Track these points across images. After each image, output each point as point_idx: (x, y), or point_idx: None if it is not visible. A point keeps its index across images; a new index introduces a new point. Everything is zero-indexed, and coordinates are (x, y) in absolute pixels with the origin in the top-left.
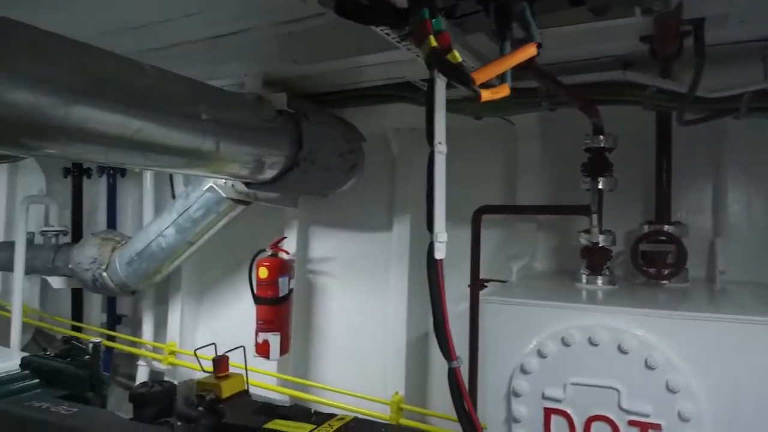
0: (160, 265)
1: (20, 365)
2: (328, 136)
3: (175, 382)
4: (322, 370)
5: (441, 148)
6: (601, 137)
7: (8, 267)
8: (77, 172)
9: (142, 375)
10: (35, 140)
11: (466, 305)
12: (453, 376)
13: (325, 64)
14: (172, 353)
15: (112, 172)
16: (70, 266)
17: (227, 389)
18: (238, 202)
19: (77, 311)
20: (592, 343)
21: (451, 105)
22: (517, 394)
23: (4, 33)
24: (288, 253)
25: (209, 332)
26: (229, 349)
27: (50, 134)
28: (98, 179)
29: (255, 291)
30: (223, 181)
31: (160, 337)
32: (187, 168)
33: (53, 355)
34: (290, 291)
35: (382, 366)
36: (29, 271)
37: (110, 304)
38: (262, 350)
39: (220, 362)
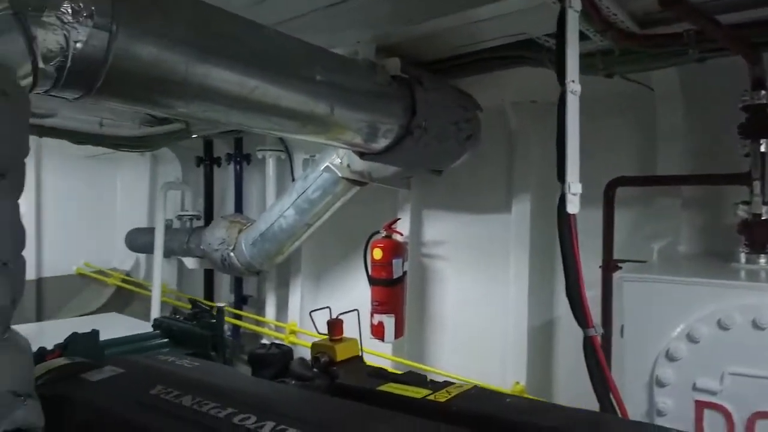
0: (281, 245)
1: (152, 326)
2: (442, 104)
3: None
4: (437, 356)
5: (574, 87)
6: (763, 92)
7: (150, 250)
8: (208, 161)
9: None
10: (161, 96)
11: (595, 292)
12: (589, 345)
13: (439, 21)
14: (293, 332)
15: (238, 159)
16: (201, 247)
17: (341, 353)
18: (353, 182)
19: (209, 291)
20: (757, 326)
21: (581, 61)
22: (661, 384)
23: None
24: (402, 235)
25: (327, 313)
26: (343, 311)
27: (173, 90)
28: (227, 167)
29: (370, 272)
30: (339, 160)
31: (281, 317)
32: (300, 131)
33: (182, 318)
34: (404, 273)
35: (501, 354)
36: (167, 253)
37: (237, 285)
38: (377, 332)
39: (335, 325)
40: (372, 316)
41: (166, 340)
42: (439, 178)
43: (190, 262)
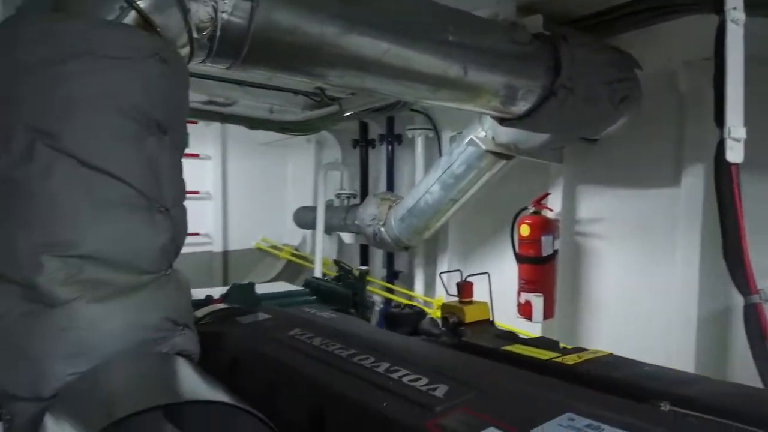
0: (427, 221)
1: (303, 285)
2: (591, 62)
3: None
4: (591, 340)
5: (735, 15)
6: None
7: (311, 225)
8: (364, 143)
9: None
10: (300, 63)
11: None
12: (752, 314)
13: None
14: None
15: (390, 140)
16: (356, 223)
17: (470, 314)
18: (499, 156)
19: (364, 264)
20: None
21: None
22: None
23: None
24: (552, 211)
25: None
26: (473, 273)
27: (311, 57)
28: (380, 148)
29: (517, 249)
30: (483, 133)
31: (429, 292)
32: (434, 96)
33: (329, 279)
34: (555, 252)
35: (665, 344)
36: (328, 229)
37: (389, 260)
38: (525, 311)
39: (464, 287)
40: (519, 294)
41: (313, 297)
42: (595, 150)
43: (347, 237)
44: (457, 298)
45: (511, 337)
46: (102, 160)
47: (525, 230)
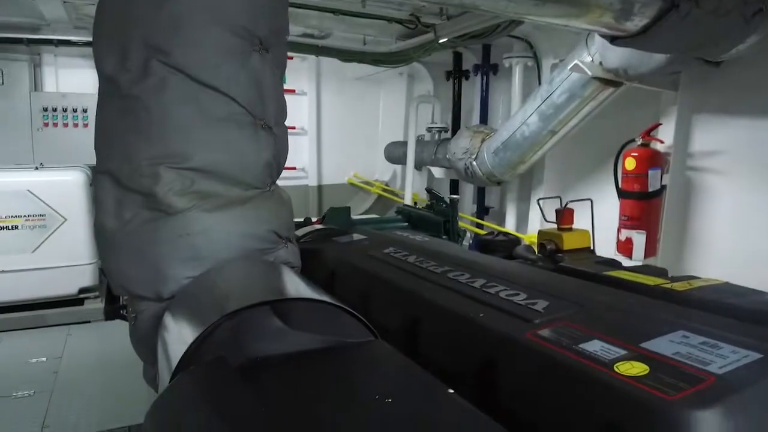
0: (523, 154)
1: (395, 212)
2: None
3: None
4: None
5: None
6: None
7: (404, 161)
8: (457, 75)
9: None
10: None
11: None
12: None
13: None
14: (532, 244)
15: (485, 70)
16: (447, 156)
17: (569, 241)
18: (606, 82)
19: None
20: None
21: None
22: None
23: None
24: (662, 143)
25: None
26: (574, 199)
27: None
28: (474, 80)
29: (620, 184)
30: (590, 58)
31: (521, 229)
32: (537, 11)
33: (421, 207)
34: (662, 187)
35: None
36: (418, 164)
37: (480, 195)
38: (624, 248)
39: (564, 213)
40: (619, 231)
41: (405, 224)
42: (716, 75)
43: (437, 172)
44: (555, 226)
45: (613, 264)
46: (210, 76)
47: (630, 163)
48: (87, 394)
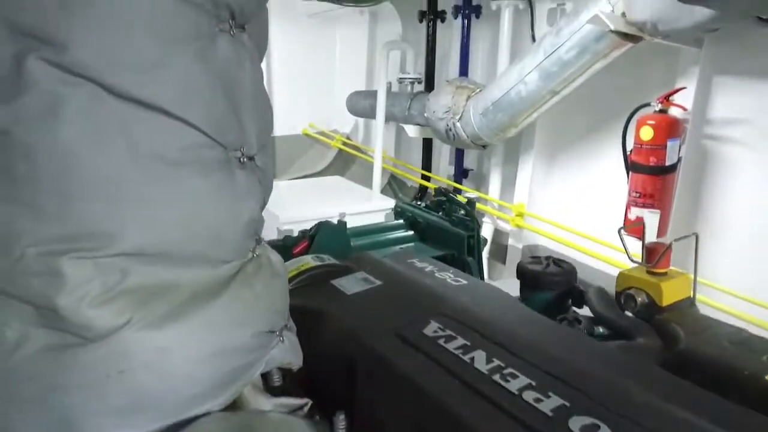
0: (516, 116)
1: (394, 212)
2: None
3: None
4: (709, 265)
5: None
6: None
7: (370, 114)
8: (432, 16)
9: (486, 232)
10: None
11: None
12: None
13: None
14: (520, 215)
15: (467, 12)
16: (425, 115)
17: (669, 293)
18: (626, 37)
19: (427, 161)
20: None
21: None
22: None
23: None
24: (685, 110)
25: (561, 198)
26: (678, 238)
27: None
28: (452, 23)
29: (632, 155)
30: (611, 7)
31: (505, 195)
32: None
33: (424, 206)
34: (679, 159)
35: None
36: (388, 118)
37: (458, 156)
38: (634, 230)
39: (658, 251)
40: (628, 209)
41: (411, 233)
42: (747, 32)
43: (411, 130)
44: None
45: (752, 342)
46: (144, 84)
47: (647, 133)
48: None
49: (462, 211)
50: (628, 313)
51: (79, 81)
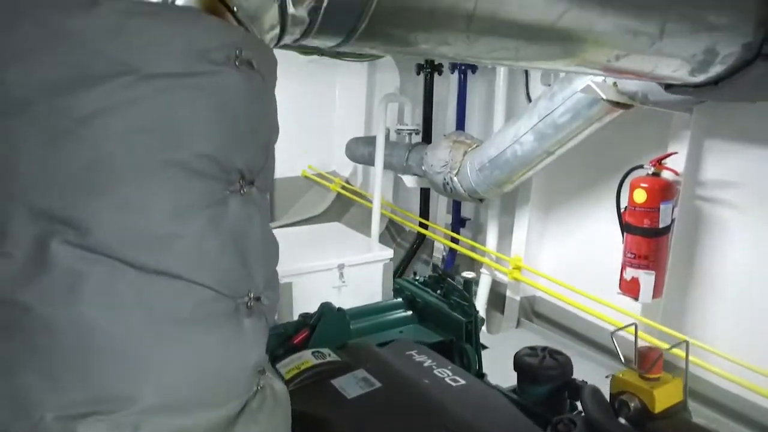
0: (512, 174)
1: (393, 290)
2: None
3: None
4: (703, 326)
5: None
6: None
7: (369, 161)
8: (429, 69)
9: (484, 282)
10: (439, 34)
11: None
12: None
13: None
14: (517, 268)
15: (463, 67)
16: (423, 168)
17: (662, 399)
18: (617, 105)
19: (425, 209)
20: None
21: None
22: None
23: None
24: (677, 174)
25: (557, 252)
26: (670, 346)
27: (456, 26)
28: (448, 76)
29: (626, 216)
30: (602, 78)
31: (502, 244)
32: (609, 66)
33: (422, 281)
34: (672, 221)
35: None
36: (386, 167)
37: (455, 206)
38: (630, 289)
39: (651, 358)
40: (624, 269)
41: (409, 313)
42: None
43: (409, 181)
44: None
45: None
46: (159, 255)
47: (640, 196)
48: None
49: (456, 294)
50: (622, 420)
51: (99, 258)
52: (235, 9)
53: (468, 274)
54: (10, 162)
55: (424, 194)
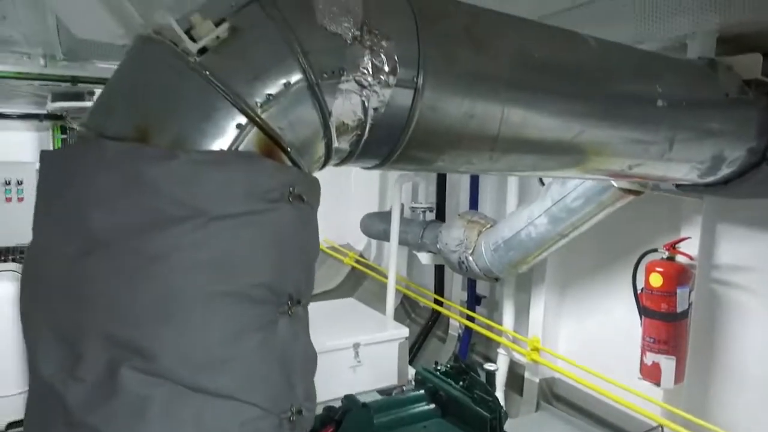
0: (526, 255)
1: (414, 380)
2: None
3: None
4: (727, 414)
5: None
6: None
7: (384, 237)
8: None
9: (502, 363)
10: (467, 155)
11: None
12: None
13: None
14: (535, 350)
15: None
16: (438, 246)
17: None
18: (628, 192)
19: (440, 286)
20: None
21: None
22: None
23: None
24: (691, 258)
25: (575, 333)
26: None
27: (482, 146)
28: None
29: (643, 301)
30: None
31: (519, 323)
32: (619, 175)
33: (443, 371)
34: (690, 305)
35: None
36: (401, 243)
37: (470, 283)
38: (651, 374)
39: None
40: (644, 353)
41: (432, 406)
42: None
43: (424, 258)
44: None
45: None
46: (213, 377)
47: (656, 280)
48: None
49: (478, 389)
50: None
51: (161, 381)
52: (288, 149)
53: (490, 366)
54: (89, 295)
55: (439, 270)
